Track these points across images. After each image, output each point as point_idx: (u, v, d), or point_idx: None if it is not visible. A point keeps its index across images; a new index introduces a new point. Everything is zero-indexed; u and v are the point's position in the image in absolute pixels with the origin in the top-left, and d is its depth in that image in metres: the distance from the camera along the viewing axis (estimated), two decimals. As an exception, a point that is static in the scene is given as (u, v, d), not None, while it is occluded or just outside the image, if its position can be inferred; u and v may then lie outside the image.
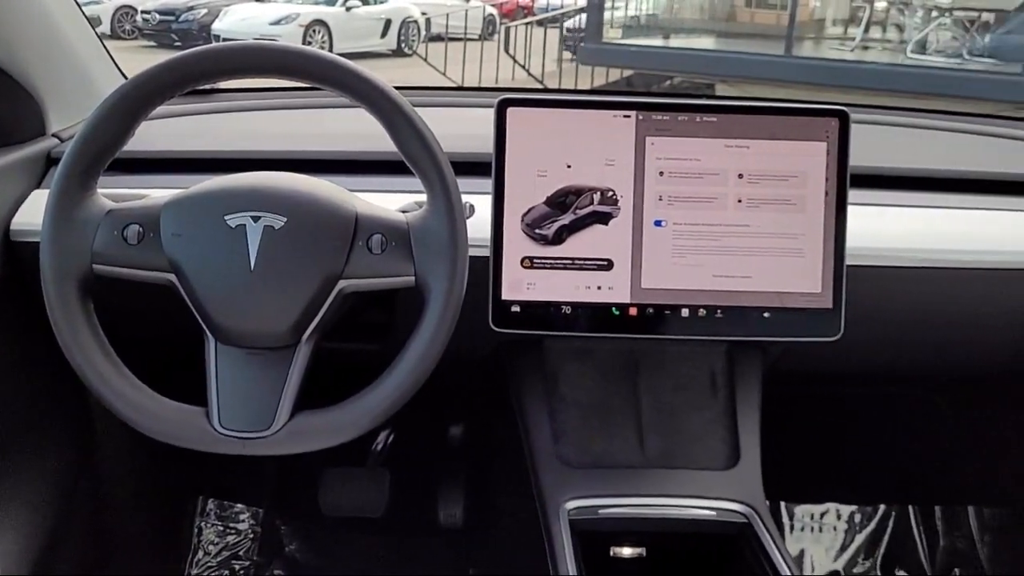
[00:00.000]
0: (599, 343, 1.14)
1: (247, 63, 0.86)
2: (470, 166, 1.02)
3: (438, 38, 9.49)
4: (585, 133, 1.03)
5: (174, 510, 1.67)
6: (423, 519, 1.68)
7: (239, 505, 1.73)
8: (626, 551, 1.11)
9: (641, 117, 1.03)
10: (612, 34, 8.03)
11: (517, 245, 1.03)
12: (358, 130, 1.06)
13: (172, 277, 0.85)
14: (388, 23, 10.37)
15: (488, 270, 1.02)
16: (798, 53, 7.15)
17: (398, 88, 0.87)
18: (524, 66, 8.65)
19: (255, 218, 0.85)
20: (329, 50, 1.19)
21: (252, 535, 1.70)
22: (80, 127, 0.84)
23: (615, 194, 1.03)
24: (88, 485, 1.34)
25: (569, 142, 1.03)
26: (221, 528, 1.70)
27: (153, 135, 1.14)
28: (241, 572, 1.66)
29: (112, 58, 1.36)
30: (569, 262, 1.03)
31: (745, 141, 1.03)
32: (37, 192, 1.12)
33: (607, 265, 1.04)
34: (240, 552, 1.68)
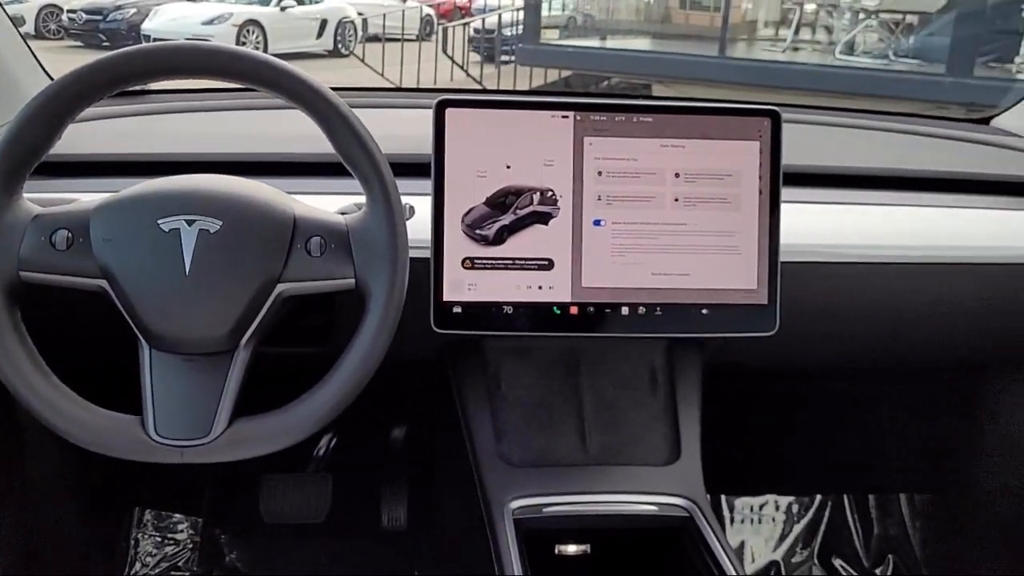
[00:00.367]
0: (541, 342, 1.14)
1: (178, 64, 0.84)
2: (409, 167, 1.01)
3: (375, 39, 9.41)
4: (524, 133, 1.03)
5: (109, 521, 1.62)
6: (366, 522, 1.67)
7: (177, 515, 1.69)
8: (571, 548, 1.12)
9: (579, 117, 1.04)
10: (549, 35, 8.09)
11: (457, 246, 1.03)
12: (295, 132, 1.04)
13: (103, 283, 0.83)
14: (324, 23, 10.23)
15: (429, 271, 1.02)
16: (731, 54, 7.31)
17: (335, 89, 0.86)
18: (462, 66, 8.65)
19: (189, 222, 0.83)
20: (264, 51, 1.17)
21: (191, 545, 1.67)
22: (3, 130, 0.81)
23: (555, 194, 1.04)
24: (17, 498, 1.30)
25: (508, 142, 1.03)
26: (159, 539, 1.66)
27: (83, 138, 1.11)
28: (181, 583, 1.63)
29: (37, 59, 1.32)
30: (510, 262, 1.04)
31: (680, 141, 1.05)
32: None
33: (548, 265, 1.04)
34: (179, 563, 1.65)
